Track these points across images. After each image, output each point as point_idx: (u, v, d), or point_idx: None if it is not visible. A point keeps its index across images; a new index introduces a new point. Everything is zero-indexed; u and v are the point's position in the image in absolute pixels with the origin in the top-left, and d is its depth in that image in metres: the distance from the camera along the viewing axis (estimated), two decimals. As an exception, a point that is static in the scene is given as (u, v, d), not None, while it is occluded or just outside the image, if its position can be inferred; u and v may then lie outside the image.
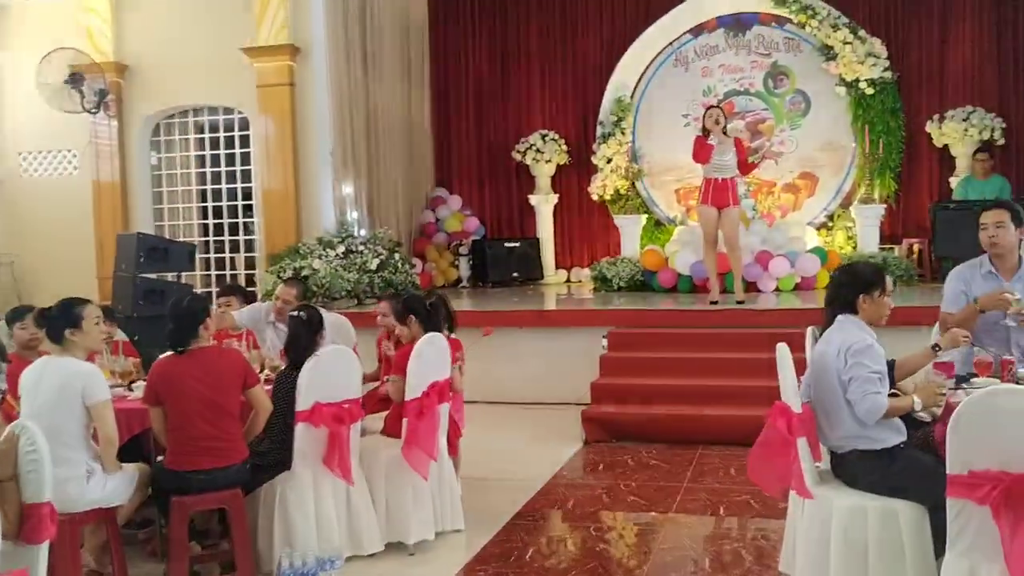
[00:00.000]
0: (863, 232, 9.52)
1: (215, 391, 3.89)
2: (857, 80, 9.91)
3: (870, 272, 3.69)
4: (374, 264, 9.00)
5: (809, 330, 4.41)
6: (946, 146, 9.86)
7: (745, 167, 7.84)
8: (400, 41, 10.94)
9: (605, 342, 7.30)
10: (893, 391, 3.58)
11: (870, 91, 9.89)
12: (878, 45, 9.87)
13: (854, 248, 9.74)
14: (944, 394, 3.54)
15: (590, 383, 6.94)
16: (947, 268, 9.58)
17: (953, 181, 9.82)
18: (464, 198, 11.71)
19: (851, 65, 9.89)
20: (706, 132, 7.72)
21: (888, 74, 9.86)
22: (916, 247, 9.55)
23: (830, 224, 10.18)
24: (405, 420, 4.43)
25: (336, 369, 4.23)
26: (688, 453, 6.14)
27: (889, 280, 3.74)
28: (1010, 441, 2.85)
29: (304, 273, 8.40)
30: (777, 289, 8.85)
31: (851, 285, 3.66)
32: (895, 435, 3.51)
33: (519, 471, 5.91)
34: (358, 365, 4.37)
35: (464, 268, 11.13)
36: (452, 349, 4.79)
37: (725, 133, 7.73)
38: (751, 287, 8.68)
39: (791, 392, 3.59)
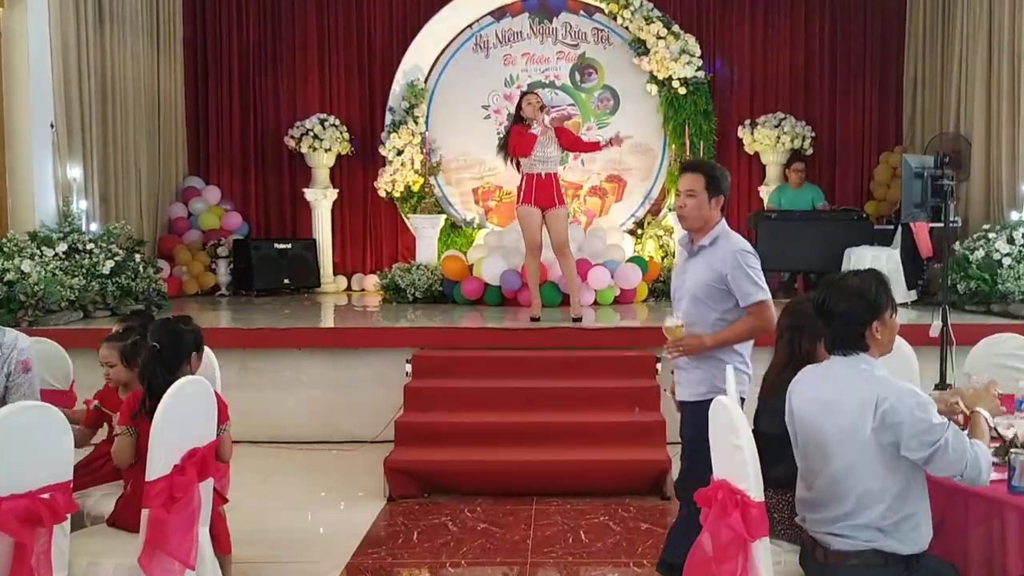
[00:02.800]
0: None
1: None
2: (670, 78, 9.23)
3: (875, 288, 2.59)
4: (107, 267, 7.07)
5: (728, 369, 3.35)
6: (756, 154, 9.42)
7: (581, 144, 6.85)
8: (146, -6, 8.98)
9: (409, 368, 5.95)
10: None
11: (682, 91, 9.23)
12: (692, 42, 9.24)
13: (667, 256, 9.04)
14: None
15: (393, 420, 5.56)
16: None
17: (763, 190, 9.40)
18: (224, 190, 9.89)
19: (664, 62, 9.19)
20: (523, 121, 6.64)
21: (701, 74, 9.26)
22: (729, 259, 8.97)
23: (639, 232, 9.42)
24: (146, 511, 2.86)
25: (27, 438, 2.58)
26: (522, 510, 4.92)
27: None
28: None
29: (8, 278, 6.37)
30: (596, 303, 7.90)
31: (856, 313, 2.56)
32: (925, 536, 2.47)
33: (307, 548, 4.43)
34: (67, 427, 2.73)
35: (223, 273, 9.34)
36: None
37: (546, 123, 6.68)
38: (565, 300, 7.67)
39: (751, 471, 2.43)
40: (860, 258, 7.49)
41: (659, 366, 5.87)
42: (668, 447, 5.31)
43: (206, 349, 3.58)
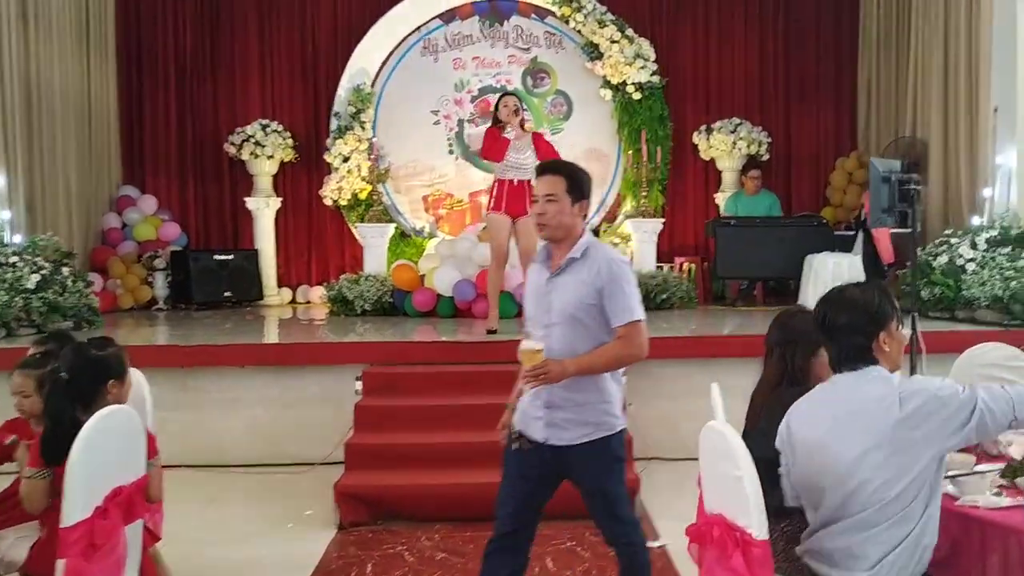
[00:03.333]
0: (640, 248, 8.59)
1: None
2: (624, 83, 9.06)
3: (878, 299, 2.39)
4: (32, 282, 6.60)
5: (714, 388, 3.10)
6: (712, 160, 9.27)
7: None
8: (76, -7, 8.51)
9: (359, 385, 5.61)
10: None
11: (637, 96, 9.05)
12: (646, 46, 9.08)
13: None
14: None
15: (344, 442, 5.22)
16: (719, 290, 9.03)
17: (719, 197, 9.26)
18: (161, 199, 9.44)
19: (618, 66, 9.02)
20: (499, 124, 6.35)
21: (656, 78, 9.09)
22: (687, 266, 8.80)
23: (594, 240, 9.18)
24: (61, 561, 2.49)
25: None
26: (483, 537, 4.46)
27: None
28: None
29: (-80, 293, 5.88)
30: (552, 314, 7.62)
31: (860, 325, 2.35)
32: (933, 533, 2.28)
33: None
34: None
35: (160, 286, 8.88)
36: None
37: (523, 127, 6.38)
38: (520, 311, 7.40)
39: (754, 506, 2.16)
40: (821, 265, 7.36)
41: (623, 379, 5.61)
42: (636, 463, 5.09)
43: (135, 372, 3.23)
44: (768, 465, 2.61)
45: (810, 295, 7.46)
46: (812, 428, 2.37)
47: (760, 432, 2.75)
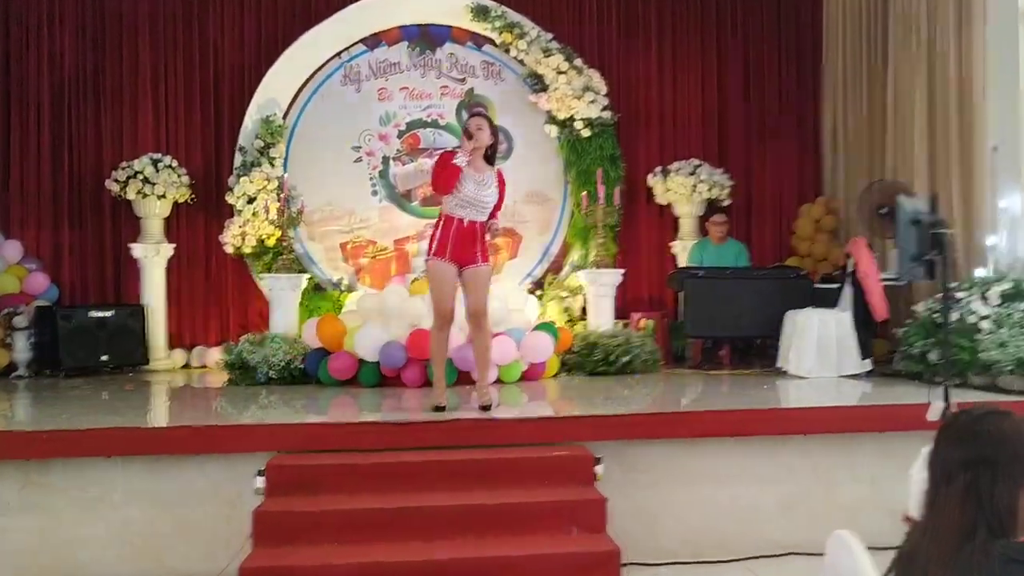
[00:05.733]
0: (596, 303, 7.54)
1: None
2: (572, 119, 8.09)
3: None
4: None
5: (849, 541, 1.95)
6: (669, 204, 8.34)
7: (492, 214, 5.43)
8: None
9: (260, 482, 4.33)
10: None
11: (586, 133, 8.08)
12: (597, 78, 8.14)
13: (572, 322, 7.78)
14: None
15: (240, 564, 3.92)
16: (679, 348, 8.01)
17: (677, 246, 8.31)
18: (28, 245, 8.04)
19: (565, 100, 8.05)
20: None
21: (607, 114, 8.15)
22: (645, 323, 7.76)
23: (538, 293, 8.12)
24: None
25: None
26: None
27: None
28: None
29: None
30: (499, 380, 6.47)
31: None
32: None
33: None
34: None
35: (22, 349, 7.44)
36: None
37: (490, 160, 5.29)
38: (462, 377, 6.24)
39: None
40: (806, 323, 6.42)
41: (599, 469, 4.49)
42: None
43: None
44: None
45: (792, 357, 6.51)
46: None
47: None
